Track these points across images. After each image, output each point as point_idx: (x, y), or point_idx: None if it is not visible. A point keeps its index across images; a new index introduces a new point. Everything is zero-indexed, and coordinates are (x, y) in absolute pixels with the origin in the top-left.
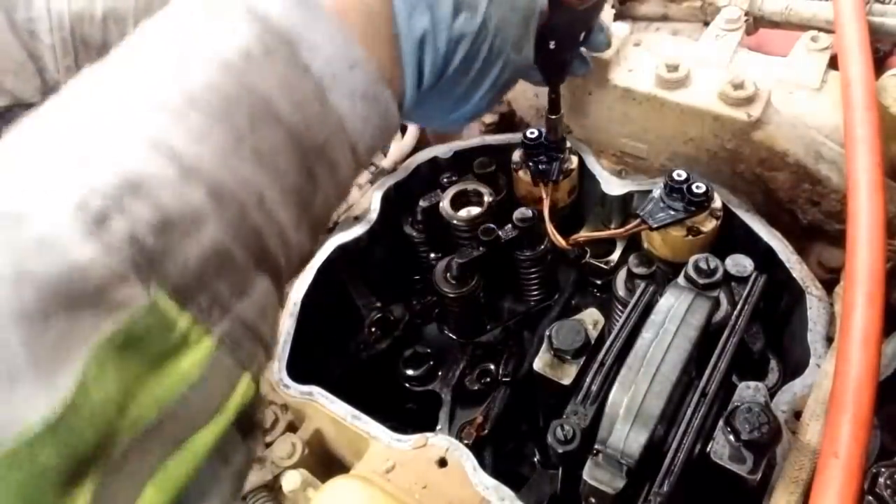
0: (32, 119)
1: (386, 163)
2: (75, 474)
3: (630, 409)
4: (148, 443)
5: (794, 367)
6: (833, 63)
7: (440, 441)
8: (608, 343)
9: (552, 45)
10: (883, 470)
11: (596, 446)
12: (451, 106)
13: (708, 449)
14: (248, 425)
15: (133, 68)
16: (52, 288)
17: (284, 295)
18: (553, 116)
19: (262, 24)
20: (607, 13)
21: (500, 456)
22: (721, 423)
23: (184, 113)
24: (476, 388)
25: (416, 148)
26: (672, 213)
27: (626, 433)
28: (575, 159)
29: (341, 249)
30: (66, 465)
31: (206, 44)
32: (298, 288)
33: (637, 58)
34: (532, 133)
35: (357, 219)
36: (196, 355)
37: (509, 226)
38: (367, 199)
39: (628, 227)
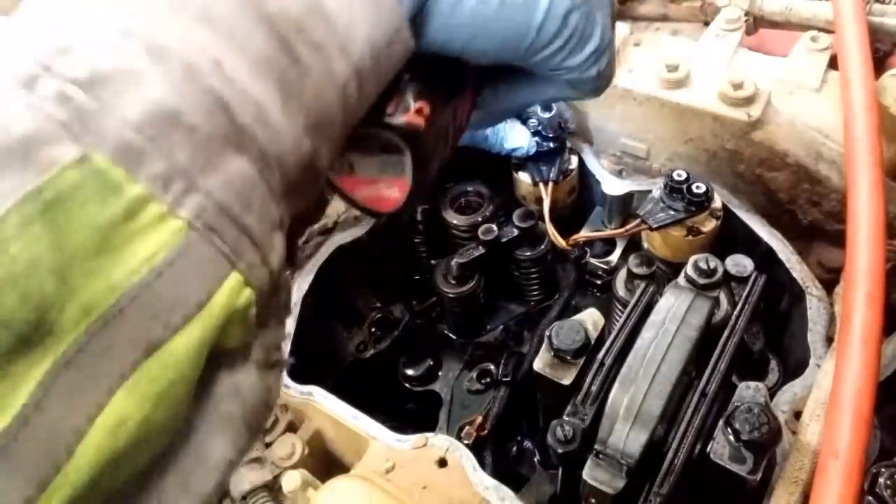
0: None
1: None
2: (9, 349)
3: (630, 409)
4: (112, 338)
5: (794, 367)
6: (833, 63)
7: (440, 441)
8: (608, 343)
9: None
10: (883, 470)
11: (596, 446)
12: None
13: (708, 449)
14: (266, 356)
15: None
16: None
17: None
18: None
19: None
20: None
21: (500, 456)
22: (721, 423)
23: None
24: (476, 388)
25: None
26: (672, 213)
27: (626, 433)
28: (575, 159)
29: (341, 249)
30: None
31: None
32: (298, 288)
33: (637, 58)
34: None
35: (357, 219)
36: (160, 235)
37: (509, 226)
38: None
39: (628, 227)
